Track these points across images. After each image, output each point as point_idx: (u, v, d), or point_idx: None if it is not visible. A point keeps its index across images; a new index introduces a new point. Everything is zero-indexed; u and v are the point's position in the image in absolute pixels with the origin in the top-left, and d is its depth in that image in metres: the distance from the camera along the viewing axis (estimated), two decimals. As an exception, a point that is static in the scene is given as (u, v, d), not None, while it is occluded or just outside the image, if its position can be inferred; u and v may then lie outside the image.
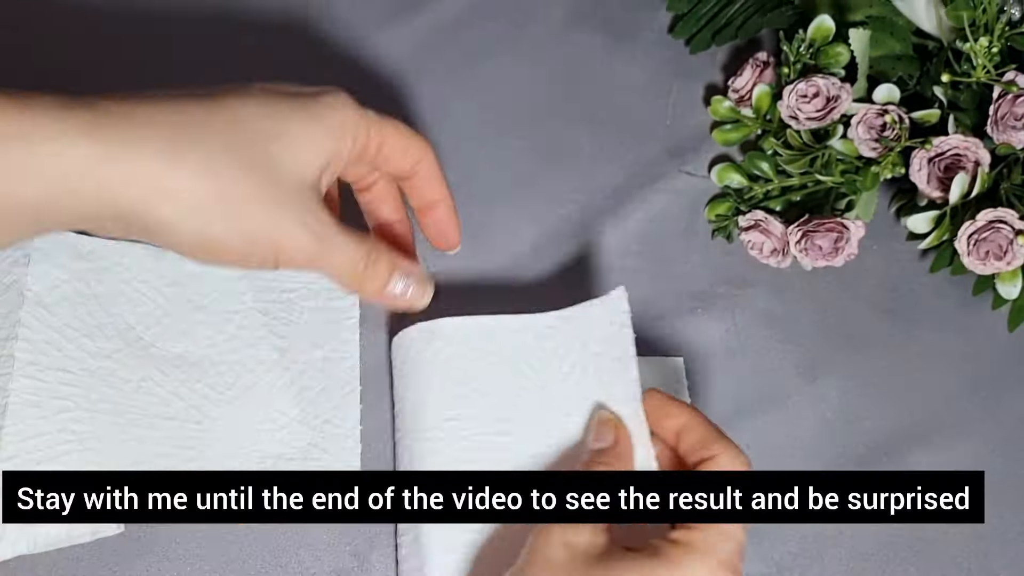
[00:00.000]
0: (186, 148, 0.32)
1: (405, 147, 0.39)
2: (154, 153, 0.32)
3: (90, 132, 0.31)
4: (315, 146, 0.35)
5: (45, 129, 0.31)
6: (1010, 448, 0.46)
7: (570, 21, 0.56)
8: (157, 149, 0.32)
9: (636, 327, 0.48)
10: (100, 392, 0.43)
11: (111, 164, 0.31)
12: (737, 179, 0.50)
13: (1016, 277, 0.45)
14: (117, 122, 0.31)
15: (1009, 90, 0.44)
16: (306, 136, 0.35)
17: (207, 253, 0.33)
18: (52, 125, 0.31)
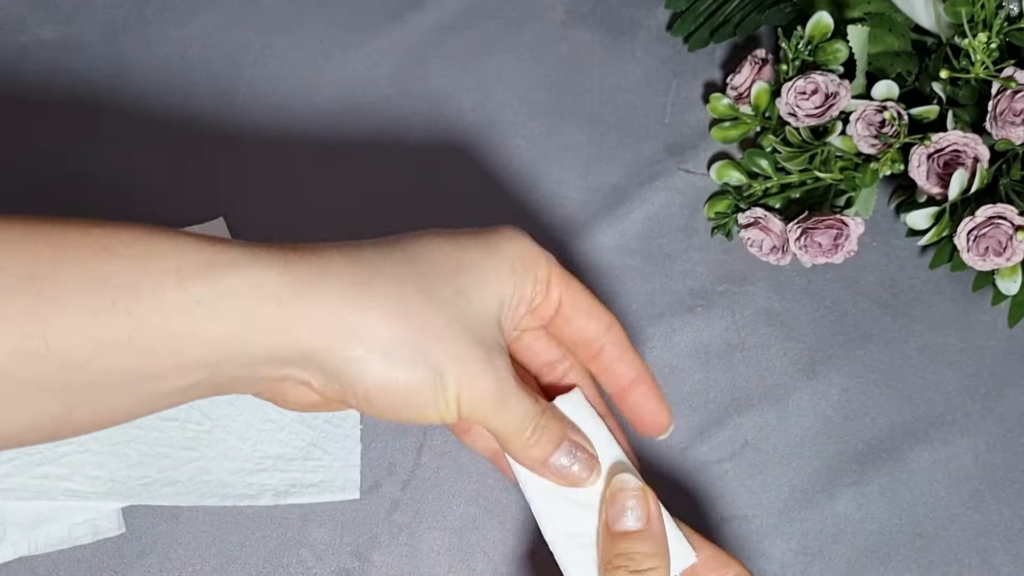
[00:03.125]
0: (376, 284, 0.31)
1: (589, 307, 0.36)
2: (343, 288, 0.30)
3: (281, 266, 0.30)
4: (499, 278, 0.33)
5: (235, 261, 0.30)
6: (1010, 443, 0.46)
7: (569, 19, 0.56)
8: (346, 284, 0.30)
9: (636, 325, 0.48)
10: (100, 393, 0.43)
11: (302, 299, 0.30)
12: (736, 176, 0.50)
13: (1016, 273, 0.45)
14: (306, 258, 0.30)
15: (1008, 86, 0.44)
16: (489, 269, 0.33)
17: (391, 400, 0.31)
18: (242, 258, 0.30)
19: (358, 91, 0.53)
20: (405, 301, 0.31)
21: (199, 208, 0.50)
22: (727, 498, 0.45)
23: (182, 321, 0.29)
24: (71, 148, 0.51)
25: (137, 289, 0.29)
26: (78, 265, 0.29)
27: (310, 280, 0.30)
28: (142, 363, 0.29)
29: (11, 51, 0.53)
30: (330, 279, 0.30)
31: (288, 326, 0.30)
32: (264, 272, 0.30)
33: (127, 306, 0.29)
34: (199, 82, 0.53)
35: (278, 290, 0.30)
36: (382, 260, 0.31)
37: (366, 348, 0.30)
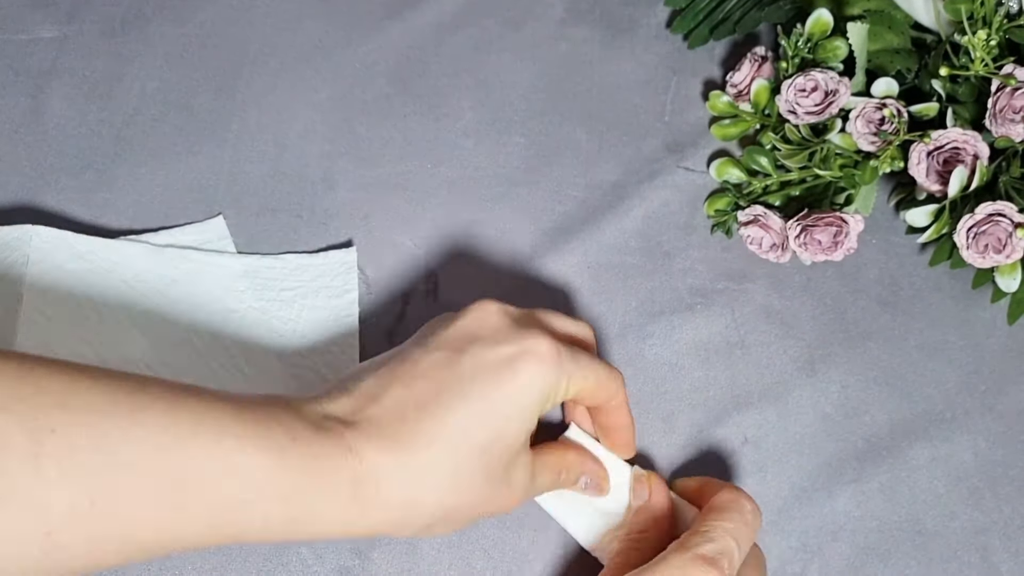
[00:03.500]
0: (420, 496, 0.36)
1: (597, 387, 0.39)
2: (394, 509, 0.35)
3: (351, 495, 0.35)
4: (519, 424, 0.37)
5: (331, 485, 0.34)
6: (1010, 441, 0.46)
7: (568, 17, 0.56)
8: (397, 506, 0.35)
9: (635, 323, 0.48)
10: (100, 392, 0.43)
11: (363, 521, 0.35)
12: (736, 174, 0.50)
13: (1015, 270, 0.45)
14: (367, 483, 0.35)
15: (1008, 83, 0.44)
16: (512, 420, 0.37)
17: (426, 531, 0.37)
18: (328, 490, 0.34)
19: (357, 89, 0.53)
20: (440, 490, 0.36)
21: (198, 206, 0.50)
22: (727, 496, 0.45)
23: (279, 530, 0.34)
24: (70, 145, 0.51)
25: (251, 510, 0.33)
26: (211, 484, 0.32)
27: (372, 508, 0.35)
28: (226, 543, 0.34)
29: (11, 49, 0.53)
30: (387, 504, 0.35)
31: (355, 533, 0.36)
32: (343, 502, 0.34)
33: (239, 520, 0.33)
34: (198, 80, 0.53)
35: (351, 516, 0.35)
36: (427, 464, 0.36)
37: (408, 532, 0.37)
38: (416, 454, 0.35)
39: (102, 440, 0.31)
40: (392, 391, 0.36)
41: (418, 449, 0.35)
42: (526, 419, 0.37)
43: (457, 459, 0.36)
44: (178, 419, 0.32)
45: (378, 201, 0.50)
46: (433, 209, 0.50)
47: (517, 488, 0.38)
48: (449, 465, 0.36)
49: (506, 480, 0.37)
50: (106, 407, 0.31)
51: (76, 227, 0.48)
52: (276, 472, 0.33)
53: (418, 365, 0.37)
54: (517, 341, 0.37)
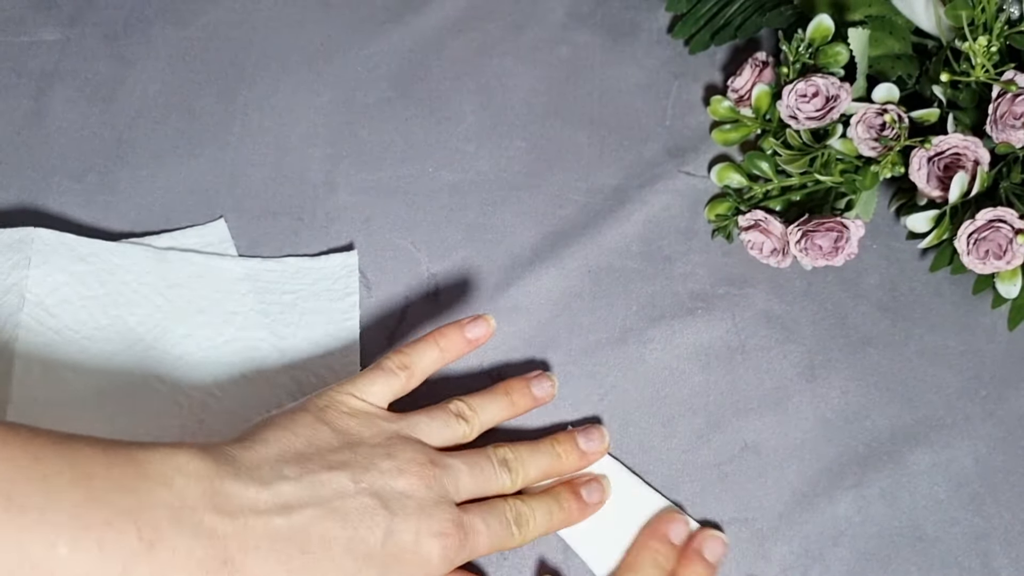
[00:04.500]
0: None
1: (502, 543, 0.40)
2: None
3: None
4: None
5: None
6: (1010, 446, 0.46)
7: (570, 22, 0.56)
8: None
9: (636, 327, 0.48)
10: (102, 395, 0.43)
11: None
12: (737, 179, 0.50)
13: (1016, 276, 0.45)
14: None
15: (1008, 89, 0.44)
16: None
17: None
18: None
19: (359, 92, 0.53)
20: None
21: (200, 209, 0.50)
22: (727, 501, 0.45)
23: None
24: (72, 148, 0.51)
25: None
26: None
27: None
28: None
29: (13, 51, 0.53)
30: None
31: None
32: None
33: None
34: (200, 83, 0.53)
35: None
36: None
37: None
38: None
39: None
40: (306, 512, 0.35)
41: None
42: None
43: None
44: (6, 521, 0.30)
45: (379, 204, 0.51)
46: (434, 212, 0.50)
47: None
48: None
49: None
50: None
51: (78, 230, 0.48)
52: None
53: (344, 501, 0.36)
54: (437, 526, 0.37)
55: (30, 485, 0.30)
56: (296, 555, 0.34)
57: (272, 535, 0.34)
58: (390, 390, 0.41)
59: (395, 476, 0.37)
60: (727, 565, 0.43)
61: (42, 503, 0.30)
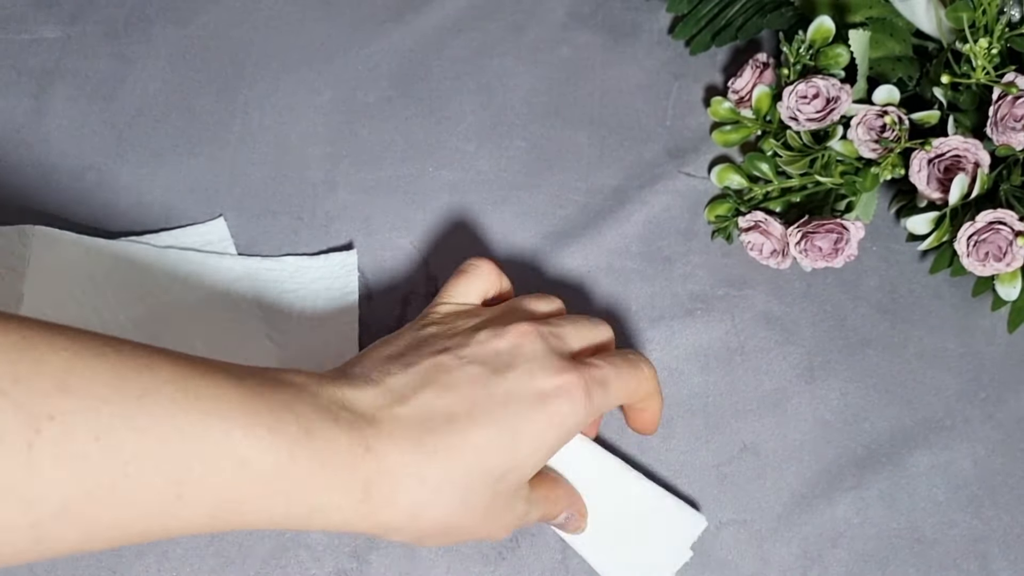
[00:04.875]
0: (428, 507, 0.35)
1: (630, 396, 0.40)
2: (400, 511, 0.35)
3: (361, 495, 0.34)
4: (541, 459, 0.37)
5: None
6: (1010, 449, 0.46)
7: (570, 22, 0.56)
8: (402, 509, 0.35)
9: (635, 328, 0.48)
10: (99, 392, 0.43)
11: (365, 522, 0.34)
12: (737, 180, 0.50)
13: (1015, 278, 0.45)
14: (381, 485, 0.34)
15: (1009, 91, 0.44)
16: (536, 454, 0.37)
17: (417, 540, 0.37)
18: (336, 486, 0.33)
19: (359, 92, 0.53)
20: (449, 508, 0.35)
21: (200, 207, 0.50)
22: (726, 502, 0.45)
23: (275, 524, 0.33)
24: (72, 146, 0.51)
25: (253, 504, 0.32)
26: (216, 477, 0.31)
27: (380, 509, 0.34)
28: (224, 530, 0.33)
29: (14, 49, 0.53)
30: (394, 506, 0.35)
31: (352, 529, 0.35)
32: (349, 500, 0.34)
33: (242, 512, 0.32)
34: (201, 81, 0.53)
35: (354, 515, 0.34)
36: (442, 481, 0.35)
37: (403, 537, 0.36)
38: (435, 465, 0.35)
39: (103, 430, 0.29)
40: (422, 395, 0.36)
41: (438, 461, 0.35)
42: (544, 456, 0.37)
43: (471, 479, 0.35)
44: (187, 408, 0.31)
45: (379, 204, 0.51)
46: (434, 212, 0.50)
47: (512, 519, 0.38)
48: (463, 483, 0.35)
49: (506, 510, 0.37)
50: (109, 392, 0.30)
51: (77, 228, 0.48)
52: (287, 468, 0.32)
53: (452, 374, 0.36)
54: (553, 377, 0.37)
55: (200, 379, 0.32)
56: (426, 435, 0.35)
57: (398, 422, 0.35)
58: (480, 287, 0.42)
59: (495, 340, 0.38)
60: (726, 566, 0.43)
61: (215, 393, 0.32)
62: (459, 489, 0.35)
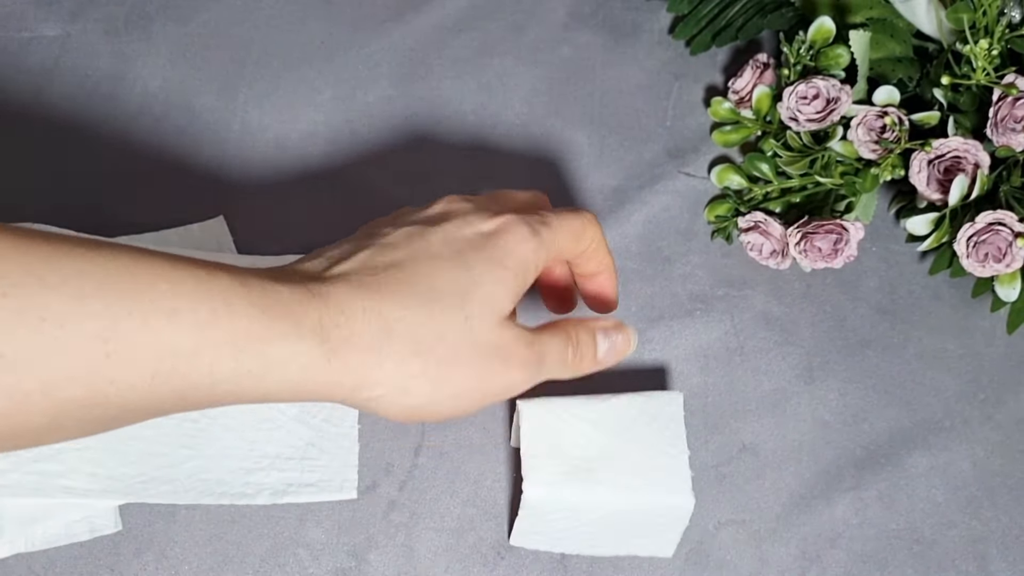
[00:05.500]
0: (393, 337, 0.33)
1: (576, 239, 0.39)
2: (365, 349, 0.33)
3: (319, 336, 0.32)
4: (504, 290, 0.35)
5: (284, 334, 0.32)
6: (1008, 450, 0.46)
7: (571, 22, 0.56)
8: (367, 345, 0.33)
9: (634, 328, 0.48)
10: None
11: (333, 367, 0.33)
12: (737, 180, 0.50)
13: (1015, 279, 0.45)
14: (340, 325, 0.33)
15: (1009, 92, 0.44)
16: (495, 284, 0.35)
17: (419, 419, 0.35)
18: (291, 331, 0.32)
19: (360, 91, 0.53)
20: (418, 346, 0.34)
21: (199, 206, 0.50)
22: (725, 503, 0.45)
23: (230, 387, 0.31)
24: (72, 145, 0.51)
25: (196, 359, 0.30)
26: (145, 329, 0.30)
27: (341, 348, 0.33)
28: (179, 407, 0.32)
29: (14, 47, 0.53)
30: (356, 344, 0.33)
31: (320, 388, 0.33)
32: (306, 344, 0.32)
33: (185, 372, 0.30)
34: (201, 80, 0.53)
35: (316, 361, 0.32)
36: (400, 308, 0.34)
37: (384, 390, 0.34)
38: (389, 300, 0.33)
39: (13, 290, 0.28)
40: (361, 254, 0.35)
41: (390, 296, 0.33)
42: (509, 288, 0.35)
43: (436, 319, 0.34)
44: (106, 266, 0.29)
45: (380, 203, 0.50)
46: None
47: (518, 363, 0.35)
48: (429, 324, 0.33)
49: (502, 354, 0.35)
50: (18, 256, 0.28)
51: (76, 226, 0.48)
52: (222, 316, 0.30)
53: (388, 236, 0.36)
54: (490, 220, 0.36)
55: (125, 251, 0.31)
56: (370, 279, 0.34)
57: (341, 276, 0.34)
58: None
59: (427, 209, 0.38)
60: (724, 566, 0.43)
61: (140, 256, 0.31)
62: (427, 331, 0.34)
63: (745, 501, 0.45)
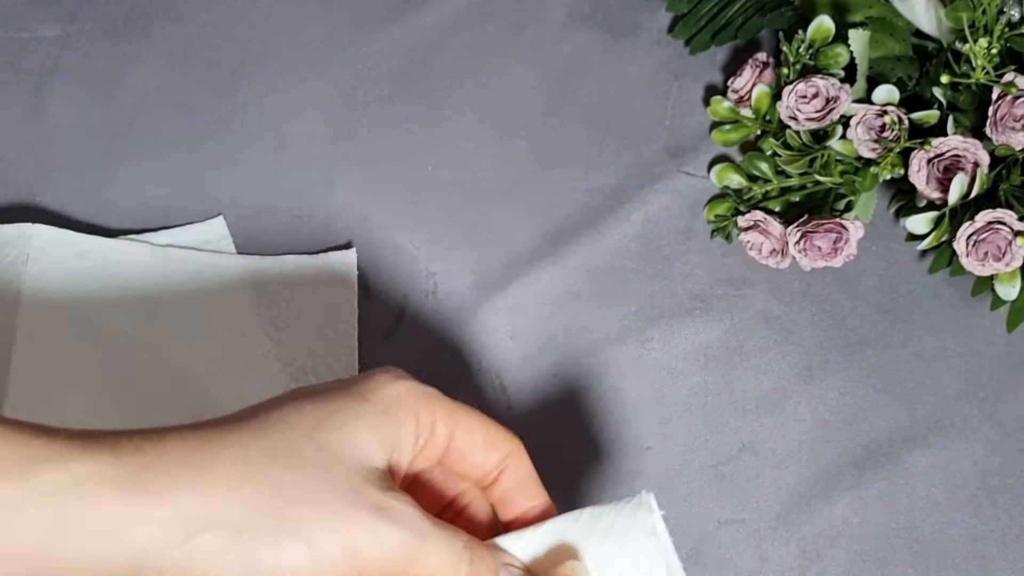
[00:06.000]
0: (220, 462, 0.27)
1: (485, 438, 0.32)
2: (179, 473, 0.26)
3: (110, 456, 0.26)
4: (369, 424, 0.29)
5: (56, 455, 0.26)
6: (1008, 449, 0.46)
7: (570, 21, 0.56)
8: (183, 469, 0.26)
9: (634, 327, 0.48)
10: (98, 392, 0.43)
11: (130, 493, 0.26)
12: (736, 179, 0.50)
13: (1015, 278, 0.45)
14: (141, 446, 0.26)
15: (1008, 91, 0.44)
16: (356, 417, 0.29)
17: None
18: (66, 450, 0.26)
19: (359, 90, 0.53)
20: (256, 472, 0.27)
21: (199, 206, 0.50)
22: (724, 502, 0.45)
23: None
24: (72, 145, 0.51)
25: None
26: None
27: (141, 471, 0.26)
28: None
29: (13, 47, 0.53)
30: (165, 465, 0.26)
31: (114, 526, 0.25)
32: (88, 465, 0.25)
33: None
34: (200, 80, 0.53)
35: (101, 486, 0.25)
36: (228, 434, 0.27)
37: (214, 531, 0.26)
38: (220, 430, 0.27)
39: None
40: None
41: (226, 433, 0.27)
42: (380, 431, 0.29)
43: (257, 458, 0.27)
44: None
45: (378, 203, 0.50)
46: (433, 211, 0.50)
47: (398, 517, 0.28)
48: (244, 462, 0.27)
49: (375, 505, 0.28)
50: None
51: (76, 226, 0.48)
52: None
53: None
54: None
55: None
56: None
57: None
58: None
59: None
60: (724, 565, 0.43)
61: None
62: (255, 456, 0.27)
63: (745, 500, 0.45)
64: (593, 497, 0.44)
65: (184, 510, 0.26)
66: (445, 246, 0.50)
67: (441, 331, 0.48)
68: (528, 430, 0.45)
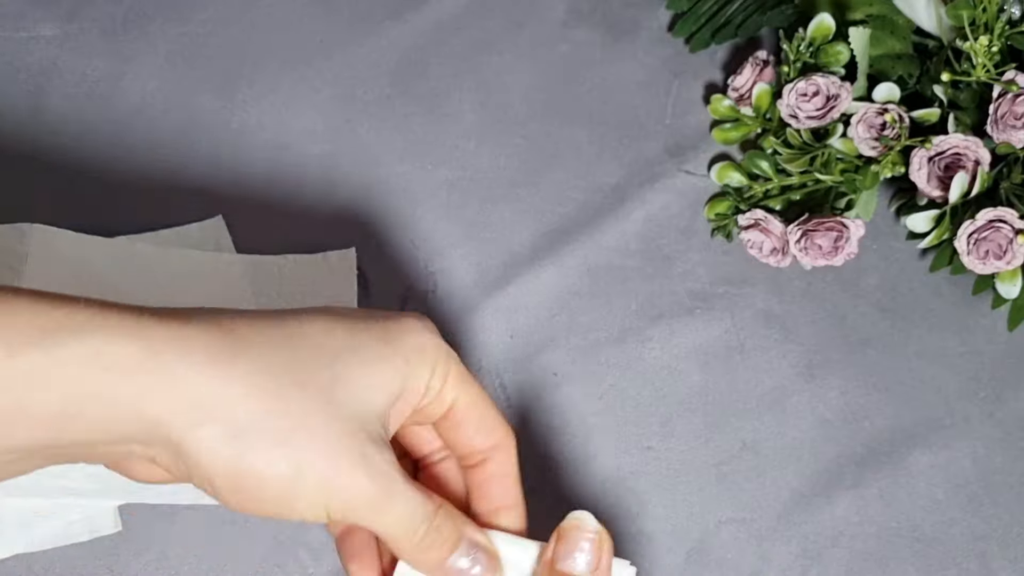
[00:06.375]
0: (240, 359, 0.27)
1: (483, 417, 0.32)
2: (202, 359, 0.27)
3: (133, 331, 0.26)
4: (388, 368, 0.29)
5: (79, 327, 0.26)
6: (1009, 447, 0.46)
7: (570, 19, 0.56)
8: (207, 355, 0.27)
9: (635, 327, 0.48)
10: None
11: (150, 368, 0.26)
12: (737, 178, 0.50)
13: (1016, 276, 0.45)
14: (166, 323, 0.27)
15: (1009, 89, 0.44)
16: (379, 358, 0.29)
17: (242, 489, 0.28)
18: (89, 323, 0.26)
19: (358, 89, 0.53)
20: (270, 381, 0.27)
21: (198, 206, 0.50)
22: (725, 501, 0.44)
23: (6, 396, 0.25)
24: (71, 144, 0.51)
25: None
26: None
27: (164, 348, 0.26)
28: None
29: (11, 47, 0.53)
30: (189, 348, 0.27)
31: (130, 398, 0.26)
32: (111, 338, 0.26)
33: None
34: (199, 79, 0.53)
35: (122, 359, 0.26)
36: (255, 335, 0.28)
37: (217, 426, 0.27)
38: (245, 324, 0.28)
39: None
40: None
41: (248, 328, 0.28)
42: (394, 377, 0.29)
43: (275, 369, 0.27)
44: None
45: (378, 202, 0.50)
46: (433, 210, 0.50)
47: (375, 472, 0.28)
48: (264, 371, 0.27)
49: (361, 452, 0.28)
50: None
51: (75, 226, 0.48)
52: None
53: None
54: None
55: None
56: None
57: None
58: None
59: None
60: (725, 564, 0.43)
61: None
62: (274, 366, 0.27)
63: (746, 499, 0.45)
64: (593, 497, 0.44)
65: (196, 398, 0.27)
66: (445, 245, 0.50)
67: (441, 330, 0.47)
68: (528, 430, 0.46)
